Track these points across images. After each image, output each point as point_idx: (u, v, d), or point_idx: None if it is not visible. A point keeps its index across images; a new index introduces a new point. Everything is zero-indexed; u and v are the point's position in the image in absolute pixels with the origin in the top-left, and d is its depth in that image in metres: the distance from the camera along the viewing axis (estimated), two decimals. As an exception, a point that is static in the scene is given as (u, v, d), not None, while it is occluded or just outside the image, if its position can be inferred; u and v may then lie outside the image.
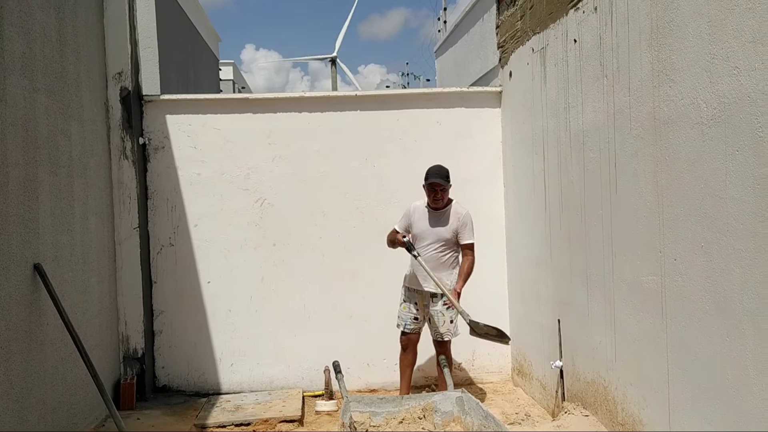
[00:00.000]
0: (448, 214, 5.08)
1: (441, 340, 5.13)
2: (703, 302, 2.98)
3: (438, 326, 5.11)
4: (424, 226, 5.09)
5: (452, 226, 5.04)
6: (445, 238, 5.04)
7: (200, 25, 10.68)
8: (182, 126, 5.94)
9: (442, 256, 5.06)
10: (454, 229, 5.04)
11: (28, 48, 3.95)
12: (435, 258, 5.04)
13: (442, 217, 5.08)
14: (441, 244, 5.04)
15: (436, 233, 5.05)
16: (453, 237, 5.05)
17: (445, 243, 5.04)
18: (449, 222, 5.05)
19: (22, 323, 3.75)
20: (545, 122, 4.95)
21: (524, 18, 5.36)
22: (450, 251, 5.09)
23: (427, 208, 5.14)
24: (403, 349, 5.30)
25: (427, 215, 5.12)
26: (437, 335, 5.14)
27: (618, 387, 3.89)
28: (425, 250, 5.06)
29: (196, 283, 5.99)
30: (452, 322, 5.12)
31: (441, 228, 5.05)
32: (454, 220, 5.05)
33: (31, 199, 3.92)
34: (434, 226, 5.06)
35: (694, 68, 3.00)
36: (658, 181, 3.34)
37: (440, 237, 5.04)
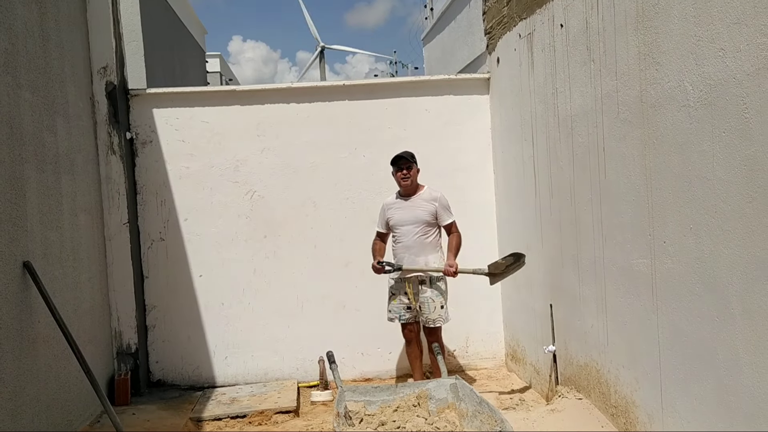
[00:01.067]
0: (422, 198, 5.20)
1: (432, 326, 5.17)
2: (693, 284, 3.00)
3: (429, 313, 5.14)
4: (401, 214, 5.19)
5: (429, 208, 5.14)
6: (424, 220, 5.13)
7: (186, 18, 10.59)
8: (170, 119, 5.91)
9: (425, 237, 5.14)
10: (431, 212, 5.14)
11: (10, 44, 3.91)
12: (419, 241, 5.12)
13: (416, 202, 5.18)
14: (421, 226, 5.13)
15: (414, 216, 5.14)
16: (432, 219, 5.15)
17: (426, 224, 5.13)
18: (425, 205, 5.16)
19: (12, 321, 3.73)
20: (533, 108, 4.95)
21: (510, 4, 5.34)
22: (432, 232, 5.18)
23: (399, 198, 5.26)
24: (408, 343, 5.35)
25: (401, 204, 5.23)
26: (428, 321, 5.17)
27: (611, 370, 3.91)
28: (407, 236, 5.13)
29: (188, 277, 5.98)
30: (443, 308, 5.16)
31: (418, 211, 5.15)
32: (430, 202, 5.16)
33: (18, 196, 3.89)
34: (411, 212, 5.16)
35: (680, 51, 3.00)
36: (647, 164, 3.34)
37: (419, 219, 5.13)
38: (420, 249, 5.10)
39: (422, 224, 5.12)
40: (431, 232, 5.17)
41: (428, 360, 5.59)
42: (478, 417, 3.79)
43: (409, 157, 5.16)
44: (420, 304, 5.17)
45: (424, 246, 5.12)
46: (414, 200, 5.19)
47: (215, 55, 17.11)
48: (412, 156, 5.20)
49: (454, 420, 4.01)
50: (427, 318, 5.17)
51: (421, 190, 5.24)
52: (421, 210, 5.14)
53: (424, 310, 5.16)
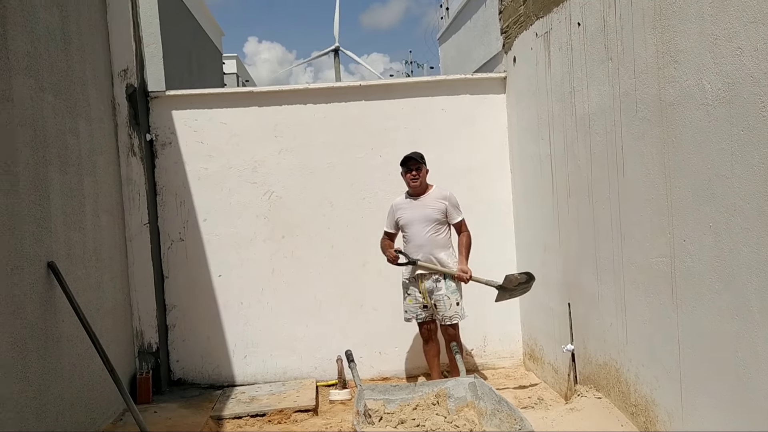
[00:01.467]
0: (431, 197, 5.24)
1: (449, 323, 5.19)
2: (712, 282, 3.00)
3: (445, 310, 5.16)
4: (411, 214, 5.23)
5: (439, 206, 5.18)
6: (435, 218, 5.16)
7: (203, 20, 10.69)
8: (188, 121, 5.97)
9: (437, 235, 5.18)
10: (442, 210, 5.18)
11: (32, 47, 3.98)
12: (431, 240, 5.16)
13: (425, 201, 5.22)
14: (432, 224, 5.16)
15: (424, 215, 5.17)
16: (442, 217, 5.19)
17: (437, 222, 5.17)
18: (435, 203, 5.19)
19: (37, 321, 3.80)
20: (550, 107, 4.94)
21: (527, 2, 5.34)
22: (443, 230, 5.22)
23: (408, 198, 5.30)
24: (426, 341, 5.38)
25: (410, 203, 5.27)
26: (444, 319, 5.19)
27: (630, 368, 3.91)
28: (419, 234, 5.17)
29: (208, 276, 6.04)
30: (458, 305, 5.18)
31: (428, 209, 5.18)
32: (440, 200, 5.20)
33: (42, 198, 3.96)
34: (421, 210, 5.19)
35: (697, 49, 2.99)
36: (665, 162, 3.34)
37: (429, 218, 5.16)
38: (432, 247, 5.14)
39: (433, 222, 5.16)
40: (442, 230, 5.21)
41: (446, 359, 5.61)
42: (497, 415, 3.81)
43: (418, 158, 5.20)
44: (435, 302, 5.19)
45: (436, 244, 5.15)
46: (424, 199, 5.23)
47: (232, 57, 17.23)
48: (422, 157, 5.24)
49: (474, 418, 4.03)
50: (443, 315, 5.18)
51: (430, 189, 5.29)
52: (431, 208, 5.18)
53: (440, 307, 5.18)
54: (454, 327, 5.23)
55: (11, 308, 3.50)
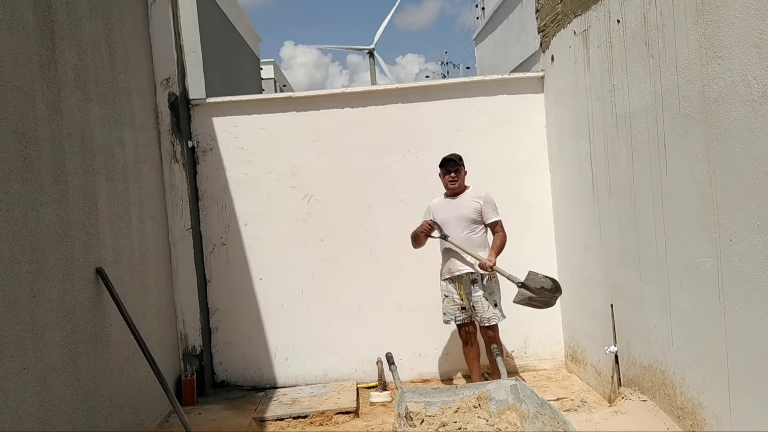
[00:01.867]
0: (467, 197, 5.25)
1: (488, 325, 5.17)
2: (761, 282, 2.92)
3: (483, 311, 5.15)
4: (447, 213, 5.23)
5: (475, 206, 5.19)
6: (470, 218, 5.17)
7: (240, 27, 10.85)
8: (228, 127, 6.07)
9: (472, 235, 5.18)
10: (477, 209, 5.18)
11: (79, 60, 4.10)
12: (466, 239, 5.16)
13: (462, 200, 5.24)
14: (467, 224, 5.17)
15: (460, 215, 5.19)
16: (478, 216, 5.19)
17: (472, 222, 5.18)
18: (471, 203, 5.21)
19: (87, 325, 3.91)
20: (590, 105, 4.88)
21: (564, 0, 5.28)
22: (479, 230, 5.22)
23: (445, 199, 5.31)
24: (465, 343, 5.38)
25: (447, 203, 5.29)
26: (483, 321, 5.18)
27: (676, 371, 3.83)
28: (454, 234, 5.18)
29: (249, 280, 6.13)
30: (496, 306, 5.17)
31: (464, 209, 5.19)
32: (476, 200, 5.21)
33: (90, 206, 4.08)
34: (457, 209, 5.20)
35: (742, 44, 2.92)
36: (710, 160, 3.27)
37: (465, 218, 5.17)
38: (469, 246, 5.13)
39: (468, 222, 5.17)
40: (477, 229, 5.21)
41: (486, 360, 5.58)
42: (540, 418, 3.77)
43: (457, 159, 5.22)
44: (473, 303, 5.18)
45: (473, 243, 5.15)
46: (460, 199, 5.26)
47: (269, 62, 17.43)
48: (460, 159, 5.25)
49: (516, 421, 4.00)
50: (481, 317, 5.18)
51: (467, 190, 5.31)
52: (467, 208, 5.19)
53: (478, 309, 5.17)
54: (493, 329, 5.21)
55: (63, 313, 3.62)
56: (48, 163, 3.58)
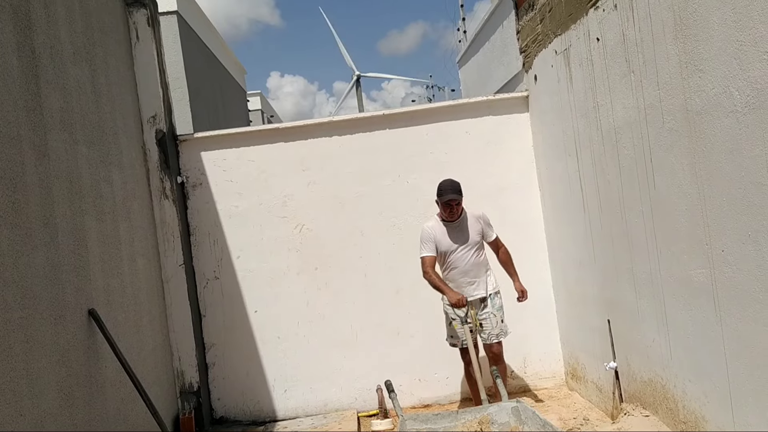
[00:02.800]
0: (467, 221, 5.20)
1: (495, 341, 5.14)
2: (756, 292, 2.92)
3: (491, 328, 5.12)
4: (452, 240, 5.15)
5: (476, 228, 5.18)
6: (475, 241, 5.17)
7: (225, 60, 10.91)
8: (217, 161, 6.08)
9: (479, 257, 5.18)
10: (479, 231, 5.19)
11: (65, 103, 4.10)
12: (475, 264, 5.14)
13: (462, 224, 5.18)
14: (475, 248, 5.16)
15: (467, 241, 5.15)
16: (480, 238, 5.20)
17: (477, 245, 5.18)
18: (472, 226, 5.18)
19: (81, 368, 3.86)
20: (575, 123, 4.92)
21: (544, 21, 5.35)
22: (482, 252, 5.23)
23: (442, 223, 5.20)
24: (467, 365, 5.25)
25: (449, 229, 5.17)
26: (491, 337, 5.13)
27: (677, 384, 3.81)
28: (462, 259, 5.12)
29: (244, 313, 6.09)
30: (503, 321, 5.17)
31: (468, 233, 5.16)
32: (476, 223, 5.19)
33: (80, 247, 4.05)
34: (462, 234, 5.16)
35: (722, 57, 2.96)
36: (697, 172, 3.29)
37: (472, 242, 5.16)
38: (477, 272, 5.13)
39: (475, 246, 5.16)
40: (482, 252, 5.22)
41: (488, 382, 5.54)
42: (543, 440, 3.74)
43: (458, 191, 5.07)
44: (481, 321, 5.15)
45: (479, 267, 5.15)
46: (460, 223, 5.17)
47: (255, 94, 17.51)
48: (460, 190, 5.10)
49: (519, 444, 3.96)
50: (489, 333, 5.13)
51: (463, 212, 5.22)
52: (472, 231, 5.16)
53: (486, 326, 5.13)
54: (499, 345, 5.18)
55: (56, 357, 3.57)
56: (37, 207, 3.56)
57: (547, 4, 5.22)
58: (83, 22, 4.56)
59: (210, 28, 9.87)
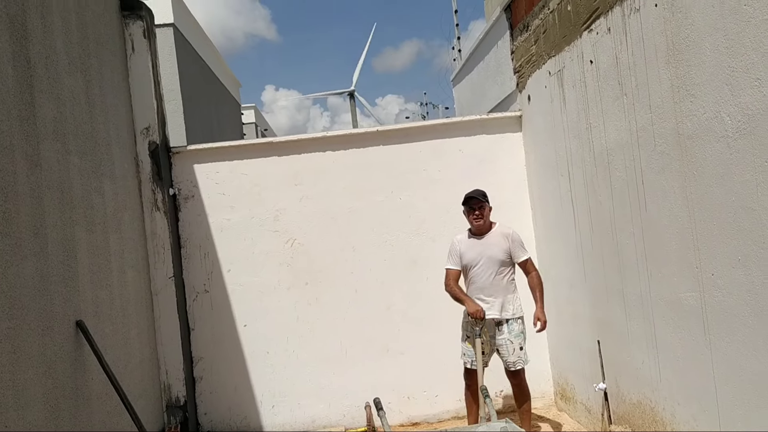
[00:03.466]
0: (495, 237, 4.98)
1: (513, 369, 4.95)
2: (745, 316, 2.94)
3: (508, 355, 4.92)
4: (474, 254, 4.96)
5: (503, 246, 4.93)
6: (499, 259, 4.92)
7: (220, 73, 10.93)
8: (210, 174, 6.07)
9: (502, 278, 4.93)
10: (506, 249, 4.93)
11: (58, 113, 4.09)
12: (494, 282, 4.91)
13: (489, 240, 4.97)
14: (497, 266, 4.92)
15: (489, 258, 4.92)
16: (506, 258, 4.94)
17: (501, 264, 4.92)
18: (499, 243, 4.94)
19: (68, 380, 3.82)
20: (568, 143, 4.95)
21: (538, 42, 5.40)
22: (507, 273, 4.96)
23: (471, 237, 5.03)
24: (468, 387, 5.10)
25: (474, 243, 4.99)
26: (508, 365, 4.95)
27: (665, 407, 3.81)
28: (481, 276, 4.93)
29: (233, 327, 6.05)
30: (522, 349, 4.94)
31: (492, 251, 4.93)
32: (503, 240, 4.95)
33: (70, 258, 4.02)
34: (485, 251, 4.94)
35: (714, 82, 3.00)
36: (688, 196, 3.32)
37: (494, 260, 4.91)
38: (495, 290, 4.90)
39: (497, 264, 4.91)
40: (506, 271, 4.96)
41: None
42: (532, 461, 3.71)
43: (480, 196, 4.95)
44: (498, 346, 4.96)
45: (500, 287, 4.91)
46: (487, 238, 4.98)
47: (250, 107, 17.52)
48: (484, 195, 4.99)
49: (507, 464, 3.93)
50: (506, 361, 4.94)
51: (493, 227, 5.05)
52: (496, 248, 4.93)
53: (503, 352, 4.94)
54: (519, 374, 4.96)
55: (43, 369, 3.53)
56: (27, 217, 3.54)
57: (541, 26, 5.28)
58: (79, 32, 4.56)
59: (206, 41, 9.89)
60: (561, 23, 4.84)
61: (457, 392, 5.93)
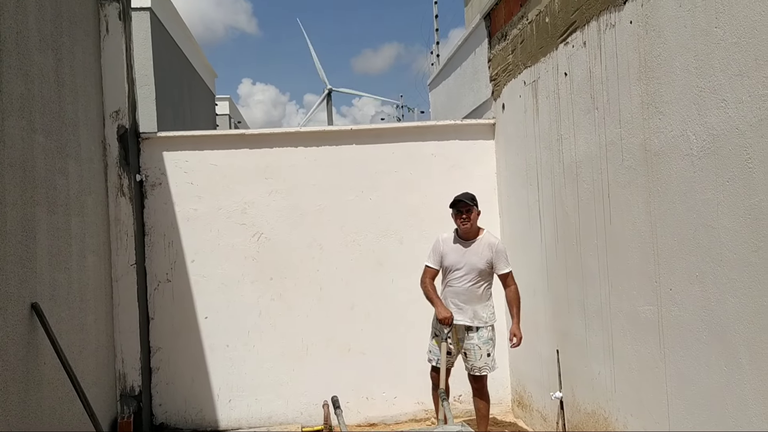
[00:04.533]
0: (480, 244, 4.91)
1: (478, 374, 4.94)
2: (700, 332, 3.00)
3: (474, 360, 4.90)
4: (457, 259, 4.92)
5: (486, 256, 4.88)
6: (479, 269, 4.87)
7: (196, 62, 10.81)
8: (179, 162, 5.99)
9: (477, 288, 4.89)
10: (488, 260, 4.88)
11: (26, 89, 4.00)
12: (469, 290, 4.88)
13: (474, 247, 4.91)
14: (475, 275, 4.87)
15: (470, 265, 4.87)
16: (487, 268, 4.89)
17: (480, 274, 4.88)
18: (482, 253, 4.89)
19: (19, 363, 3.73)
20: (538, 153, 5.00)
21: (515, 52, 5.45)
22: (484, 282, 4.92)
23: (457, 241, 4.98)
24: (435, 387, 5.05)
25: (458, 247, 4.95)
26: (473, 369, 4.93)
27: (618, 418, 3.87)
28: (459, 281, 4.90)
29: (194, 318, 5.98)
30: (489, 356, 4.91)
31: (474, 258, 4.88)
32: (487, 249, 4.89)
33: (28, 238, 3.93)
34: (467, 258, 4.89)
35: (682, 101, 3.06)
36: (651, 211, 3.37)
37: (474, 268, 4.86)
38: (469, 297, 4.87)
39: (477, 273, 4.86)
40: (484, 281, 4.91)
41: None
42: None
43: (468, 200, 4.88)
44: (465, 350, 4.94)
45: (475, 295, 4.88)
46: (472, 246, 4.92)
47: (225, 98, 17.37)
48: (473, 198, 4.93)
49: (460, 468, 3.95)
50: (472, 366, 4.93)
51: (481, 233, 4.98)
52: (478, 257, 4.87)
53: (470, 357, 4.92)
54: (482, 379, 4.95)
55: (-8, 350, 3.44)
56: (-14, 194, 3.45)
57: (519, 36, 5.33)
58: (53, 9, 4.47)
59: (183, 29, 9.77)
60: (538, 34, 4.89)
61: (416, 395, 5.96)
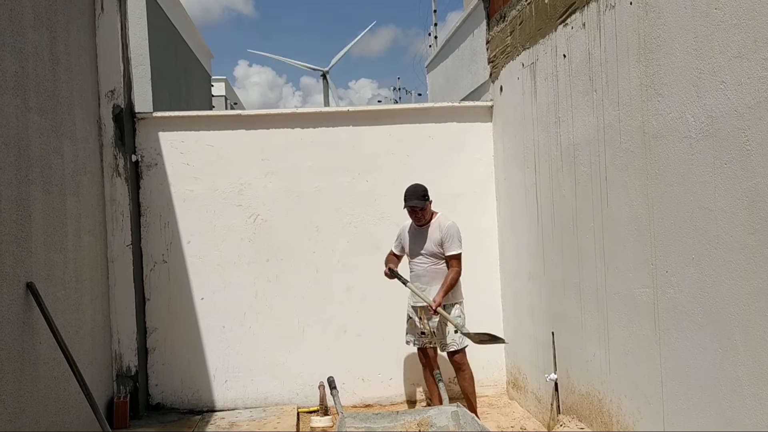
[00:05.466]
0: (432, 228, 5.17)
1: (449, 351, 5.14)
2: (695, 314, 3.01)
3: (441, 337, 5.14)
4: (414, 244, 5.22)
5: (436, 238, 5.11)
6: (433, 252, 5.12)
7: (192, 42, 10.72)
8: (175, 143, 5.95)
9: (437, 268, 5.12)
10: (437, 242, 5.10)
11: (20, 67, 3.96)
12: (430, 271, 5.12)
13: (427, 231, 5.17)
14: (430, 257, 5.13)
15: (425, 248, 5.15)
16: (439, 249, 5.11)
17: (434, 255, 5.12)
18: (433, 235, 5.14)
19: (14, 342, 3.73)
20: (536, 136, 4.99)
21: (514, 33, 5.41)
22: (442, 263, 5.13)
23: (414, 227, 5.26)
24: (424, 367, 5.35)
25: (415, 234, 5.24)
26: (441, 347, 5.18)
27: (613, 399, 3.89)
28: (419, 265, 5.16)
29: (190, 299, 5.98)
30: (456, 332, 5.04)
31: (428, 242, 5.14)
32: (437, 231, 5.13)
33: (23, 217, 3.91)
34: (422, 242, 5.17)
35: (681, 83, 3.04)
36: (649, 194, 3.37)
37: (428, 251, 5.14)
38: (430, 278, 5.11)
39: (431, 254, 5.12)
40: (441, 263, 5.12)
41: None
42: (480, 445, 3.77)
43: (419, 198, 5.05)
44: (433, 330, 5.16)
45: (436, 275, 5.09)
46: (425, 230, 5.18)
47: (221, 79, 17.27)
48: (424, 195, 5.08)
49: (455, 448, 3.98)
50: (440, 343, 5.17)
51: (434, 217, 5.20)
52: (430, 240, 5.13)
53: (438, 335, 5.16)
54: (458, 355, 5.12)
55: (-13, 329, 3.44)
56: (-20, 172, 3.42)
57: (518, 17, 5.29)
58: (46, -14, 4.42)
59: (179, 9, 9.68)
60: (537, 16, 4.85)
61: (411, 376, 6.00)
